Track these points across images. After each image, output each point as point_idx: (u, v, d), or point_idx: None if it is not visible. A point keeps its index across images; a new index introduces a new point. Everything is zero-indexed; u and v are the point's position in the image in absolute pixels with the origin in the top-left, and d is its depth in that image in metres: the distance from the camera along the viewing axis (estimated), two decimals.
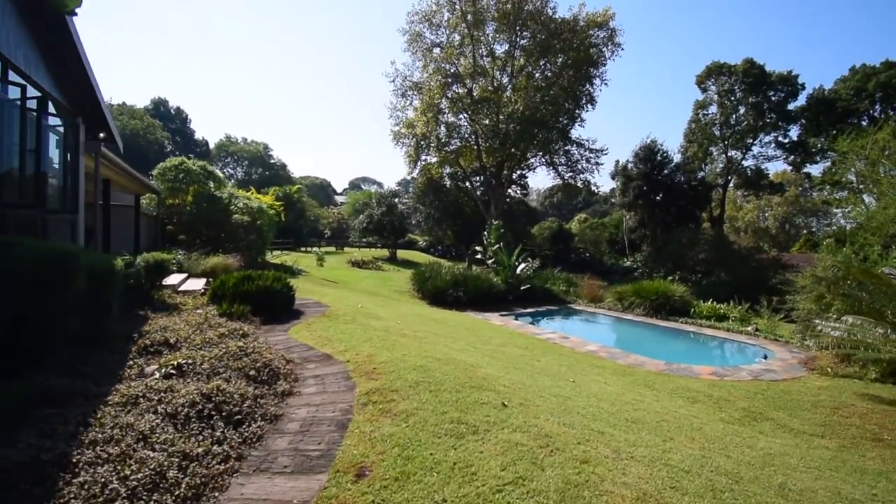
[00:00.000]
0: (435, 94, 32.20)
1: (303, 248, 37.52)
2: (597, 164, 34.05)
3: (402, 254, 37.47)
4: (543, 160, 36.74)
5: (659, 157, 36.28)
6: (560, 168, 35.99)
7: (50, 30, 6.19)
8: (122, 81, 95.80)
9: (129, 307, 6.80)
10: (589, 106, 32.31)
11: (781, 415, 6.36)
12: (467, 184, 47.45)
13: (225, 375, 3.70)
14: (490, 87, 33.31)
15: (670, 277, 24.12)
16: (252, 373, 3.80)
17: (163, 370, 3.75)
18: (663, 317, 13.64)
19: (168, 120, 65.78)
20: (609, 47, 31.09)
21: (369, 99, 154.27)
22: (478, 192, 40.25)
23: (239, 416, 3.09)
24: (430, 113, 33.47)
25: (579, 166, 34.92)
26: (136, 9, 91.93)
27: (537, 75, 32.70)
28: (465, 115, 33.88)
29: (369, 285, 17.76)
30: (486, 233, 21.13)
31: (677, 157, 38.72)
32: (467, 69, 33.37)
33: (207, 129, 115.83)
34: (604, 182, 68.23)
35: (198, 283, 10.33)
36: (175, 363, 3.83)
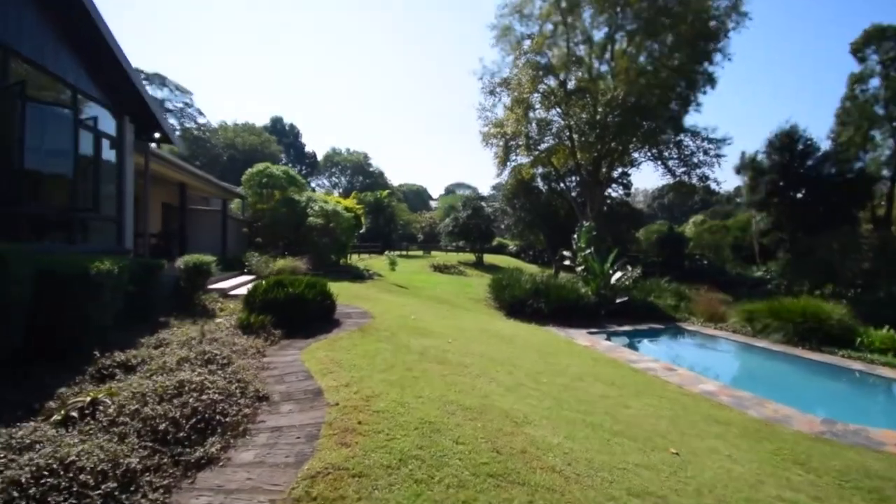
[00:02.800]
0: (525, 88, 30.28)
1: (392, 252, 38.01)
2: (717, 156, 29.16)
3: (489, 258, 36.01)
4: (650, 154, 32.59)
5: (801, 146, 30.09)
6: (670, 163, 31.58)
7: (78, 24, 5.92)
8: (245, 101, 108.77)
9: (153, 314, 6.33)
10: (707, 87, 27.77)
11: None
12: (561, 185, 44.57)
13: (123, 429, 2.62)
14: (586, 76, 30.46)
15: (818, 292, 19.34)
16: (165, 426, 2.67)
17: (62, 412, 2.79)
18: (814, 346, 10.28)
19: (283, 135, 72.38)
20: (732, 17, 26.42)
21: (465, 103, 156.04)
22: (572, 194, 37.29)
23: None
24: (520, 109, 31.64)
25: (695, 160, 30.20)
26: (252, 31, 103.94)
27: (641, 59, 29.04)
28: (558, 109, 31.39)
29: (442, 292, 16.57)
30: (575, 236, 18.75)
31: (825, 145, 31.79)
32: (561, 59, 30.89)
33: (316, 142, 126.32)
34: (727, 178, 59.62)
35: None
36: (83, 402, 2.87)
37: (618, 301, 14.19)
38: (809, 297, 12.91)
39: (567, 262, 18.72)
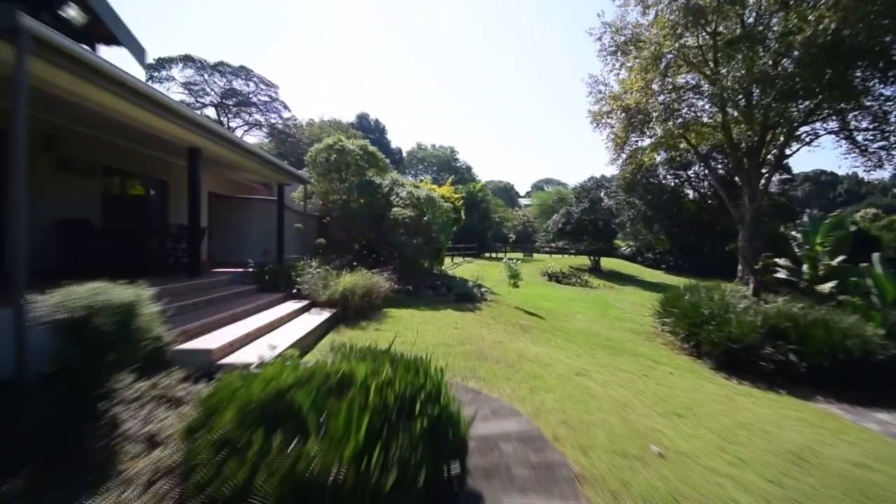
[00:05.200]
0: (665, 42, 23.33)
1: (487, 255, 32.72)
2: None
3: (606, 262, 29.28)
4: (835, 122, 23.57)
5: None
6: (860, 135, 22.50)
7: None
8: (336, 101, 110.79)
9: None
10: None
11: None
12: (692, 170, 36.31)
13: None
14: (750, 21, 22.64)
15: None
16: None
17: None
18: None
19: (368, 131, 70.86)
20: None
21: (554, 99, 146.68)
22: (707, 182, 29.25)
23: None
24: (653, 73, 24.70)
25: None
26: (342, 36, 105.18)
27: None
28: (707, 69, 23.93)
29: (588, 318, 10.90)
30: (796, 234, 11.94)
31: None
32: (711, 2, 23.30)
33: (401, 139, 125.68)
34: None
35: (290, 333, 5.21)
36: None
37: None
38: None
39: (781, 275, 11.94)
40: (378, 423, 1.82)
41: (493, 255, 33.92)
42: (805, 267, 10.90)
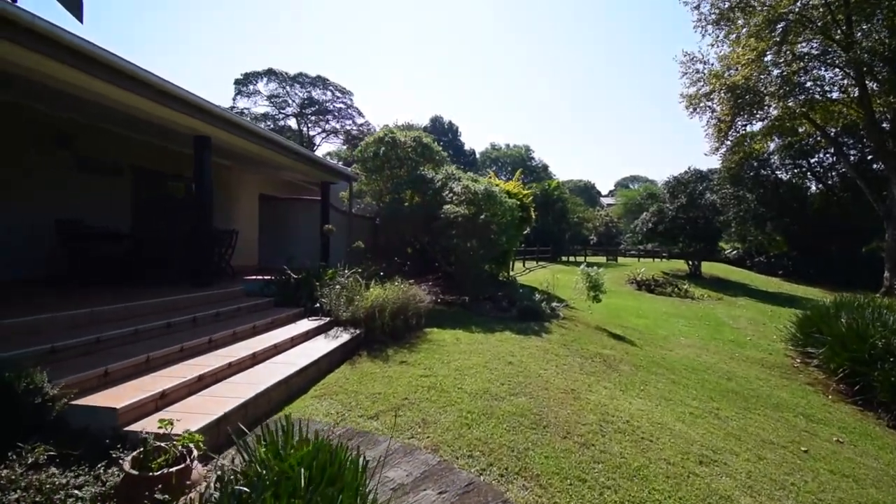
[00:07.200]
0: (782, 2, 19.43)
1: (563, 258, 30.01)
2: None
3: (707, 268, 25.23)
4: None
5: None
6: None
7: None
8: (410, 107, 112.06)
9: None
10: None
11: None
12: (811, 161, 30.66)
13: None
14: None
15: None
16: None
17: None
18: None
19: (442, 134, 70.46)
20: None
21: (639, 90, 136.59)
22: (836, 171, 24.10)
23: None
24: (766, 41, 20.79)
25: None
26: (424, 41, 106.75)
27: None
28: (836, 32, 19.56)
29: (696, 343, 8.40)
30: None
31: None
32: None
33: (475, 140, 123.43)
34: None
35: (278, 370, 3.75)
36: None
37: None
38: None
39: None
40: None
41: (572, 258, 31.10)
42: None
